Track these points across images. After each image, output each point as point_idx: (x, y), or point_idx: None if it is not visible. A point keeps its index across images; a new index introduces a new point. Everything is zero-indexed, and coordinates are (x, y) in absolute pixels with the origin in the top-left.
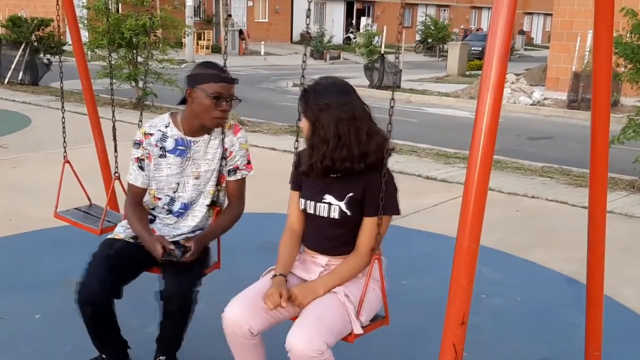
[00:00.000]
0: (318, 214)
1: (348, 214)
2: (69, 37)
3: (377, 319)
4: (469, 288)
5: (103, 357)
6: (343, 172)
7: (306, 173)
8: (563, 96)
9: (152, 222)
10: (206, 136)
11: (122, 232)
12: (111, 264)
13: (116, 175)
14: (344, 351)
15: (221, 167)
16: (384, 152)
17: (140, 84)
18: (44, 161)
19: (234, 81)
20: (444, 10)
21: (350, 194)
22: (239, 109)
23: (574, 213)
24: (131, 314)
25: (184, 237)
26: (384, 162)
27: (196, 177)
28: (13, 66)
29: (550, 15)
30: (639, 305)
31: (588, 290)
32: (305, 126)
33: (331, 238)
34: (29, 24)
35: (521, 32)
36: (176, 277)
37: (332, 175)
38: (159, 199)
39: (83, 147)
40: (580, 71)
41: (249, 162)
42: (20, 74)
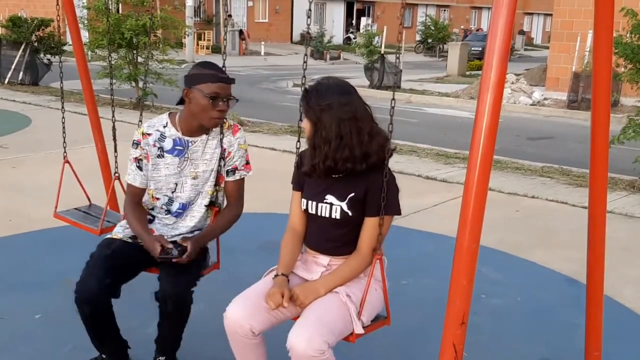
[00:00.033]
0: (320, 214)
1: (349, 214)
2: (69, 37)
3: (379, 319)
4: (469, 288)
5: (103, 357)
6: (345, 172)
7: (308, 173)
8: (563, 96)
9: (151, 222)
10: (204, 136)
11: (120, 232)
12: (109, 264)
13: (116, 175)
14: (345, 351)
15: (220, 167)
16: (385, 153)
17: (140, 84)
18: (44, 161)
19: (231, 81)
20: (444, 11)
21: (352, 195)
22: (239, 109)
23: (574, 213)
24: (131, 314)
25: (183, 237)
26: (385, 163)
27: (194, 177)
28: (13, 66)
29: (550, 15)
30: (639, 305)
31: (588, 290)
32: (307, 126)
33: (333, 238)
34: (29, 24)
35: (521, 32)
36: (172, 278)
37: (333, 175)
38: (158, 199)
39: (83, 147)
40: (580, 71)
41: (247, 163)
42: (21, 74)
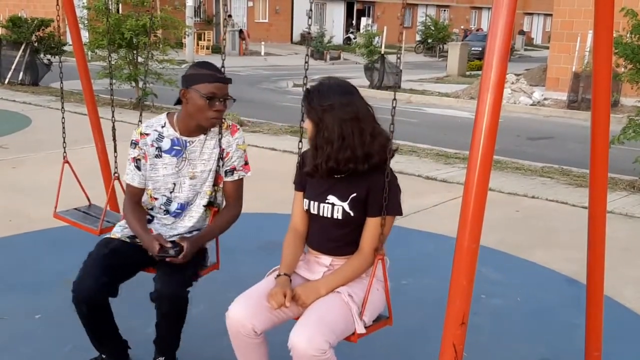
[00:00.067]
0: (322, 214)
1: (351, 214)
2: (69, 38)
3: (381, 319)
4: (469, 288)
5: (103, 357)
6: (347, 172)
7: (311, 174)
8: (563, 96)
9: (150, 222)
10: (202, 136)
11: (119, 231)
12: (106, 263)
13: (116, 175)
14: (346, 351)
15: (218, 167)
16: (387, 153)
17: (141, 84)
18: (44, 161)
19: (228, 81)
20: (444, 11)
21: (354, 195)
22: (239, 109)
23: (574, 213)
24: (131, 314)
25: (181, 237)
26: (387, 163)
27: (192, 178)
28: (13, 66)
29: (550, 15)
30: (639, 305)
31: (588, 290)
32: (308, 127)
33: (335, 238)
34: (29, 25)
35: (521, 32)
36: (167, 277)
37: (335, 175)
38: (156, 199)
39: (83, 147)
40: (580, 71)
41: (246, 163)
42: (21, 75)
